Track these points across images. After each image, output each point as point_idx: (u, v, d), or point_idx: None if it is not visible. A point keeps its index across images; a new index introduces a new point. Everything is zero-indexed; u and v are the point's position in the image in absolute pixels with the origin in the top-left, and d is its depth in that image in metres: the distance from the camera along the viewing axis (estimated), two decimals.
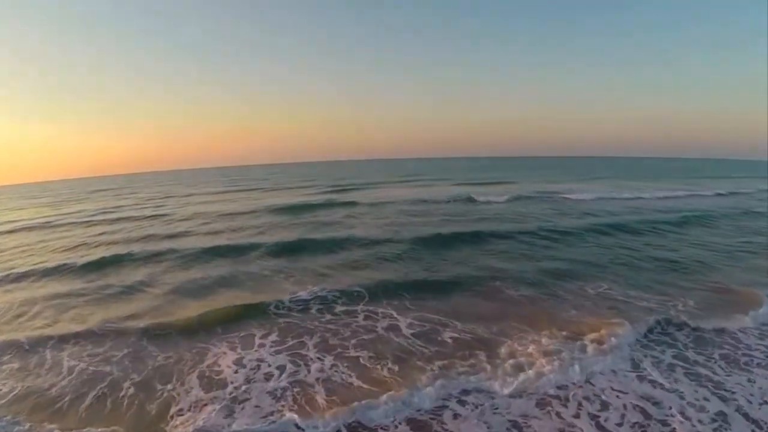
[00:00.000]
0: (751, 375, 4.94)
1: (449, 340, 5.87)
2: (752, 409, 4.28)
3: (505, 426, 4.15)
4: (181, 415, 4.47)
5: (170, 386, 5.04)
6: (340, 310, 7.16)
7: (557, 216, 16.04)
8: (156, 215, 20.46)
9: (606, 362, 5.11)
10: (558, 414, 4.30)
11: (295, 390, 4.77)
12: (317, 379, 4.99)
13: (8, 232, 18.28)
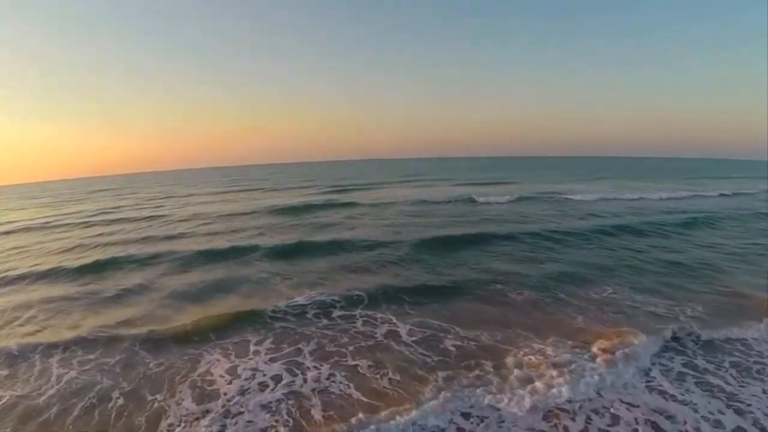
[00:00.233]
0: (766, 385, 4.74)
1: (452, 348, 5.66)
2: None
3: None
4: (171, 431, 4.28)
5: (161, 397, 4.86)
6: (338, 315, 6.97)
7: (560, 217, 15.84)
8: (155, 216, 20.30)
9: (616, 375, 4.89)
10: (566, 429, 4.10)
11: (290, 403, 4.58)
12: (314, 391, 4.79)
13: (6, 233, 18.15)
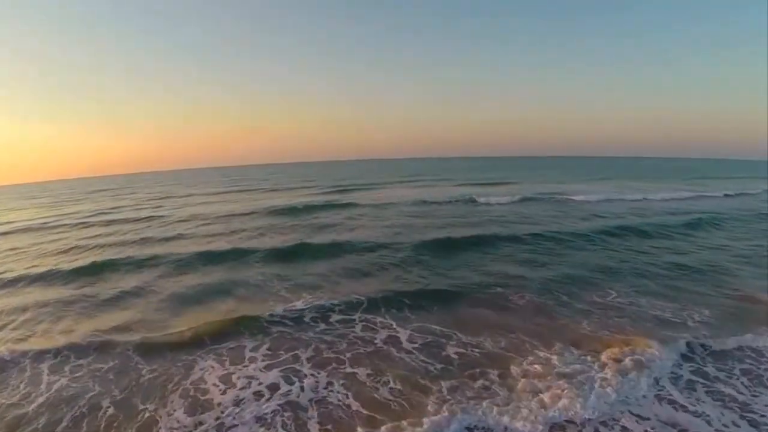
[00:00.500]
0: None
1: (455, 356, 5.47)
2: None
3: None
4: None
5: (152, 406, 4.68)
6: (337, 320, 6.79)
7: (562, 218, 15.64)
8: (153, 216, 20.11)
9: (627, 386, 4.69)
10: None
11: (287, 415, 4.38)
12: (311, 401, 4.60)
13: (4, 234, 17.99)
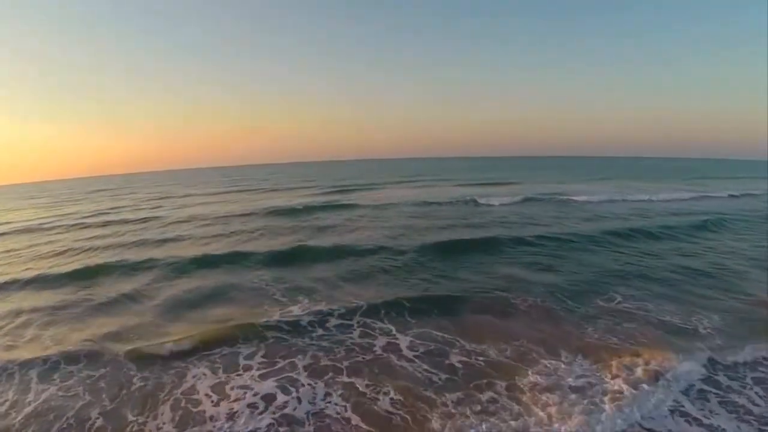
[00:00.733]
0: None
1: (459, 365, 5.23)
2: None
3: None
4: None
5: (142, 419, 4.48)
6: (335, 326, 6.57)
7: (565, 219, 15.40)
8: (151, 217, 19.90)
9: (640, 399, 4.46)
10: None
11: (282, 430, 4.17)
12: (308, 414, 4.39)
13: (0, 235, 17.78)
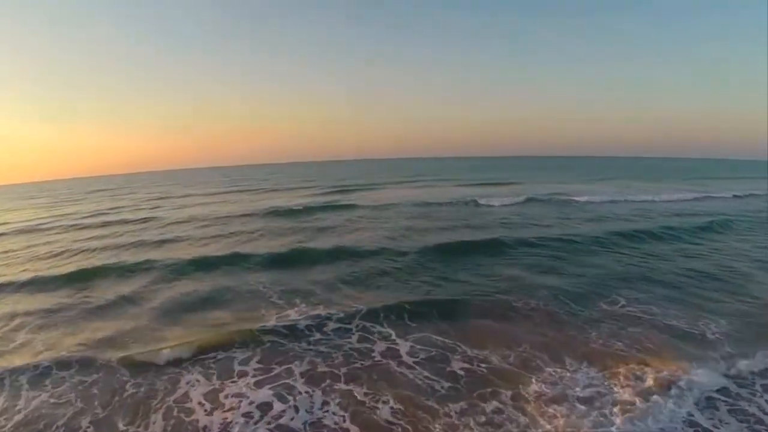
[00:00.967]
0: None
1: (461, 372, 5.05)
2: None
3: None
4: None
5: (133, 428, 4.33)
6: (333, 330, 6.38)
7: (568, 221, 15.19)
8: (150, 218, 19.73)
9: (651, 411, 4.27)
10: None
11: None
12: (305, 424, 4.21)
13: None
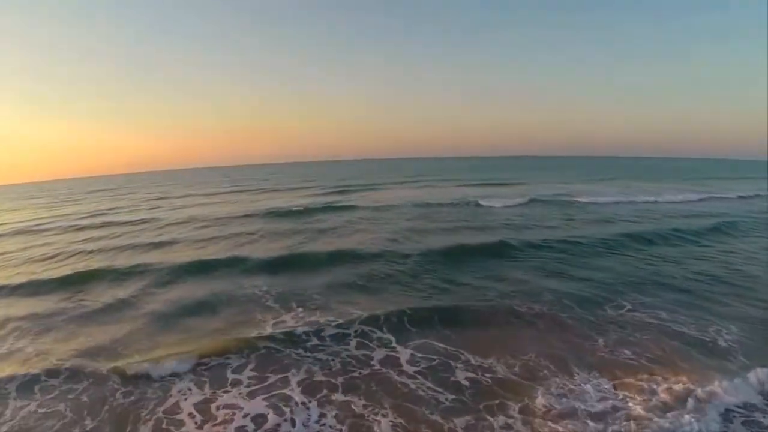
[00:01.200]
0: None
1: (465, 382, 4.82)
2: None
3: None
4: None
5: None
6: (331, 336, 6.17)
7: (573, 222, 14.89)
8: (149, 219, 19.55)
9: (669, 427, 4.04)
10: None
11: None
12: None
13: None
